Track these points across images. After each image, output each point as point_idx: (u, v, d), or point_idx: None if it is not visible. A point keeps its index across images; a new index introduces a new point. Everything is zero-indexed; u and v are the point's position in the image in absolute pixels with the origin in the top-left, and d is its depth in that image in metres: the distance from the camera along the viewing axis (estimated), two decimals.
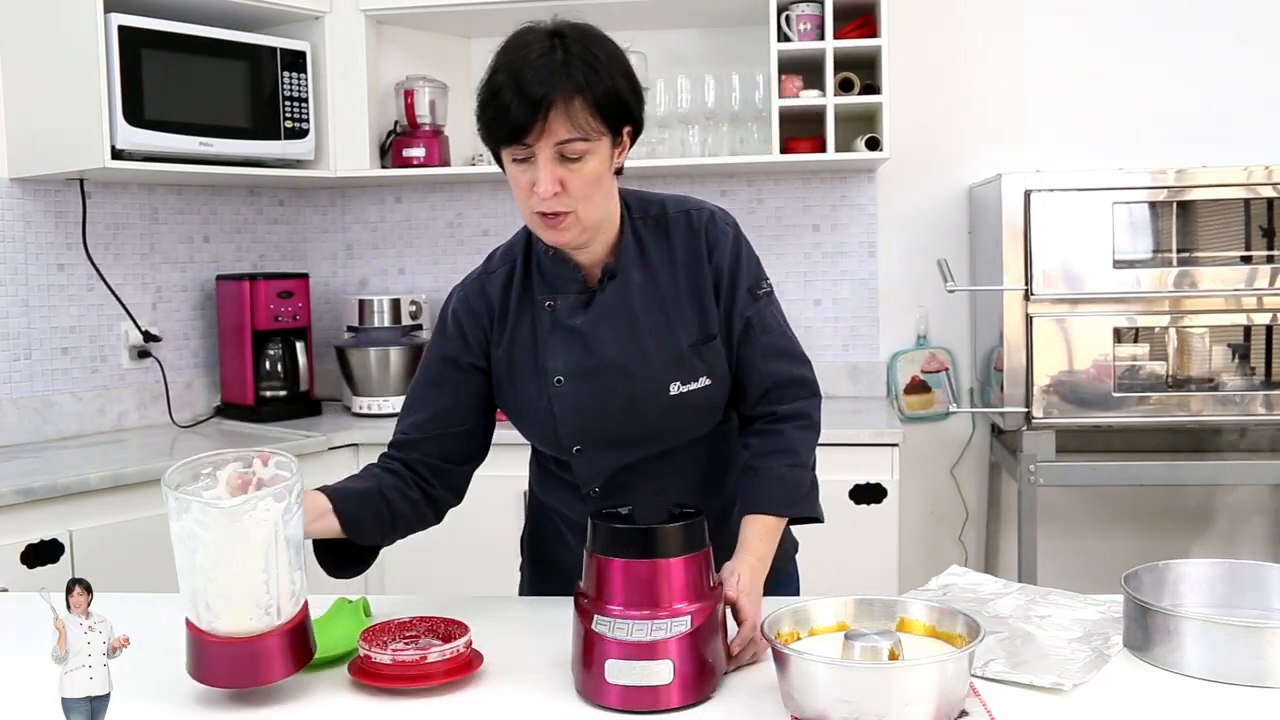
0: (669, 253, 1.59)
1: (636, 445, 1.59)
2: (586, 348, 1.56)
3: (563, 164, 1.44)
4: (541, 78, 1.40)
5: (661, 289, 1.58)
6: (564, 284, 1.58)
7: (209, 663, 1.28)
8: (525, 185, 1.46)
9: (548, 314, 1.58)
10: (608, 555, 1.29)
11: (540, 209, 1.46)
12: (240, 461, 1.30)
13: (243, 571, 1.25)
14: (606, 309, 1.56)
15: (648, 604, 1.27)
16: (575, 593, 1.33)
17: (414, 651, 1.34)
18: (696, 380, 1.57)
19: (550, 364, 1.57)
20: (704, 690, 1.28)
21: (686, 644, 1.26)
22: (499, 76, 1.42)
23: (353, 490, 1.56)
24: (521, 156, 1.44)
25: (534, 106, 1.39)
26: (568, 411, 1.57)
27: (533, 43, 1.43)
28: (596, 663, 1.26)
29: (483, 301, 1.62)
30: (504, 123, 1.41)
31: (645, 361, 1.56)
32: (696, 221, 1.60)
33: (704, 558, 1.31)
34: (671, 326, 1.57)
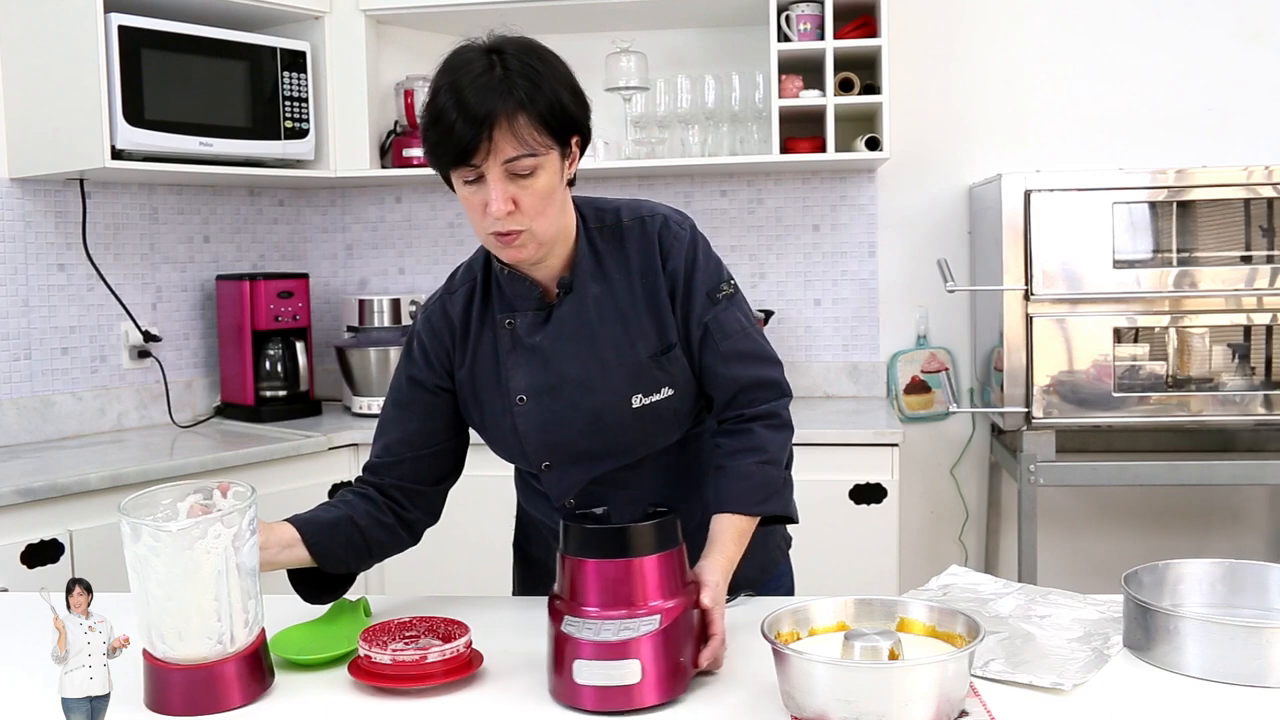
0: (625, 262, 1.56)
1: (604, 459, 1.59)
2: (546, 365, 1.55)
3: (513, 181, 1.41)
4: (483, 96, 1.37)
5: (619, 300, 1.55)
6: (522, 301, 1.56)
7: (166, 691, 1.27)
8: (478, 206, 1.43)
9: (508, 332, 1.57)
10: (575, 556, 1.30)
11: (495, 229, 1.44)
12: (200, 494, 1.30)
13: (194, 597, 1.24)
14: (564, 324, 1.55)
15: (616, 604, 1.27)
16: (549, 596, 1.33)
17: (414, 651, 1.34)
18: (659, 392, 1.55)
19: (512, 383, 1.56)
20: (676, 689, 1.28)
21: (656, 643, 1.26)
22: (441, 98, 1.40)
23: (322, 520, 1.56)
24: (471, 178, 1.42)
25: (478, 126, 1.37)
26: (532, 429, 1.57)
27: (471, 61, 1.41)
28: (566, 664, 1.26)
29: (444, 322, 1.61)
30: (449, 145, 1.39)
31: (605, 375, 1.54)
32: (650, 228, 1.57)
33: (674, 557, 1.31)
34: (630, 338, 1.55)
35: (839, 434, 2.92)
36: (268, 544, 1.47)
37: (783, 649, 1.21)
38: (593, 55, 3.46)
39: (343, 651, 1.42)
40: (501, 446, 1.63)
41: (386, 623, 1.43)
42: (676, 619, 1.28)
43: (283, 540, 1.51)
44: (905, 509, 3.10)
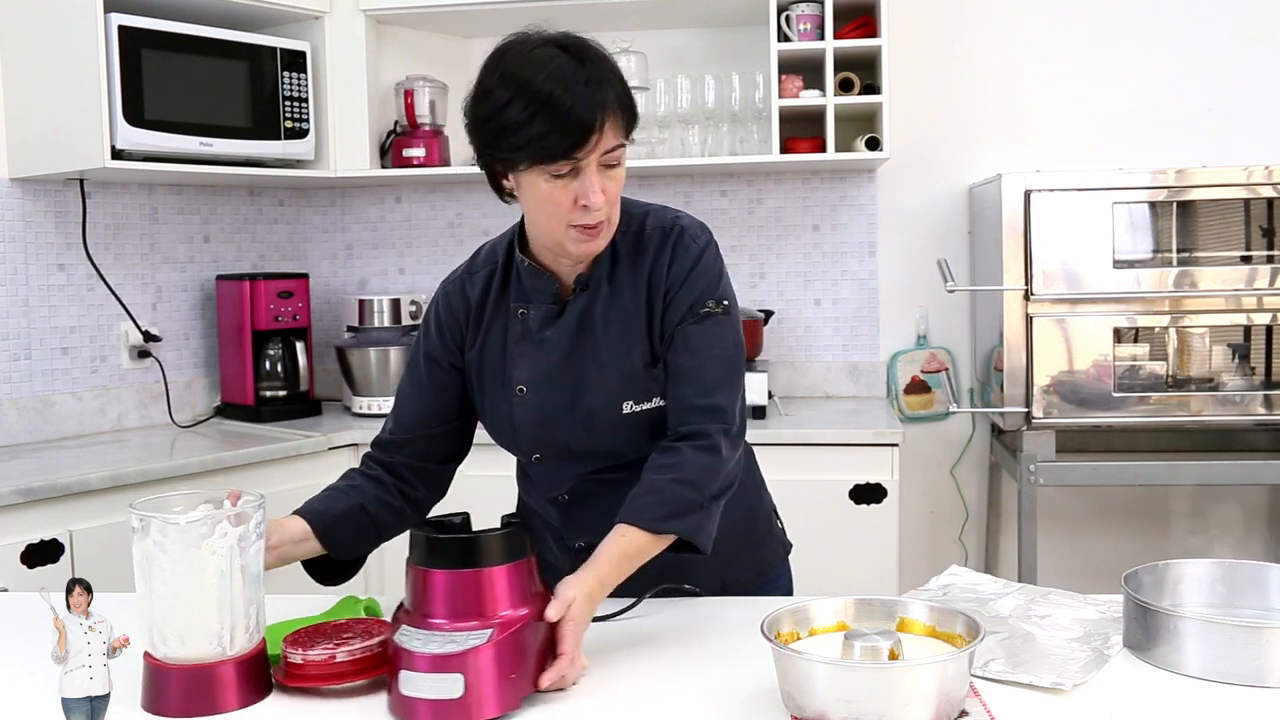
0: (639, 269, 1.56)
1: (591, 459, 1.60)
2: (550, 359, 1.57)
3: (602, 174, 1.44)
4: (592, 90, 1.40)
5: (624, 305, 1.56)
6: (538, 295, 1.58)
7: (164, 692, 1.26)
8: (566, 201, 1.44)
9: (519, 322, 1.59)
10: (414, 564, 1.28)
11: (584, 221, 1.45)
12: (211, 503, 1.30)
13: (198, 595, 1.24)
14: (574, 321, 1.56)
15: (450, 615, 1.25)
16: (398, 605, 1.32)
17: (323, 650, 1.33)
18: (649, 400, 1.56)
19: (515, 373, 1.58)
20: (506, 704, 1.23)
21: (484, 657, 1.22)
22: (531, 94, 1.38)
23: (334, 512, 1.58)
24: (564, 171, 1.42)
25: (590, 121, 1.39)
26: (527, 421, 1.59)
27: (555, 58, 1.42)
28: (396, 676, 1.24)
29: (462, 301, 1.63)
30: (557, 139, 1.39)
31: (601, 378, 1.55)
32: (669, 238, 1.57)
33: (518, 570, 1.28)
34: (629, 344, 1.55)
35: (839, 434, 2.92)
36: (281, 540, 1.49)
37: (783, 649, 1.21)
38: None
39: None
40: (498, 434, 1.65)
41: (323, 624, 1.43)
42: (510, 633, 1.24)
43: (294, 535, 1.53)
44: (905, 509, 3.10)
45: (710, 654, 1.43)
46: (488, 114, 1.43)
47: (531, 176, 1.44)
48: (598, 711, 1.28)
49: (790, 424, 3.01)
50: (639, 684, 1.35)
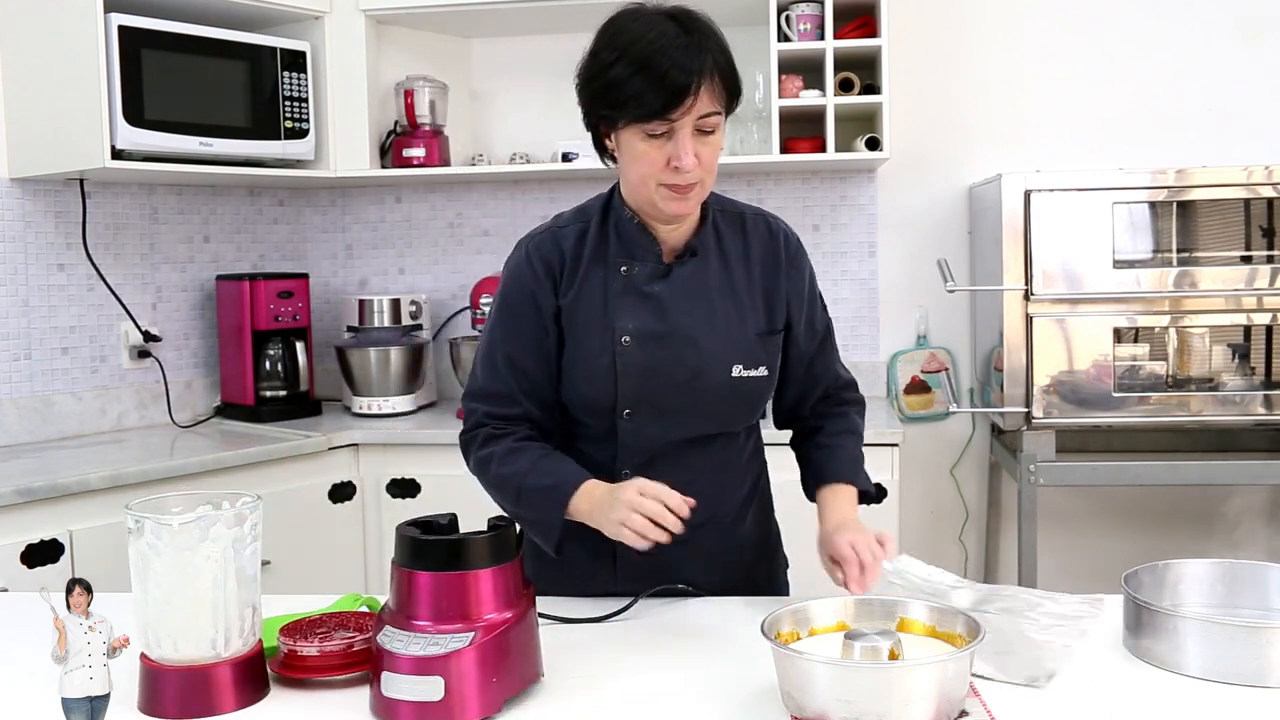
0: (744, 249, 1.67)
1: (686, 419, 1.63)
2: (660, 314, 1.61)
3: (697, 138, 1.51)
4: (690, 55, 1.47)
5: (735, 278, 1.65)
6: (642, 252, 1.63)
7: (160, 693, 1.26)
8: (658, 160, 1.51)
9: (622, 277, 1.62)
10: (399, 564, 1.28)
11: (675, 181, 1.52)
12: (209, 504, 1.30)
13: (192, 596, 1.24)
14: (683, 282, 1.63)
15: (434, 617, 1.25)
16: (382, 606, 1.32)
17: (319, 642, 1.35)
18: (757, 368, 1.64)
19: (619, 323, 1.61)
20: (487, 707, 1.23)
21: (466, 660, 1.22)
22: (636, 53, 1.47)
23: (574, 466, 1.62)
24: (660, 131, 1.49)
25: (686, 83, 1.46)
26: (632, 372, 1.61)
27: (662, 22, 1.50)
28: (378, 677, 1.24)
29: (555, 251, 1.65)
30: (653, 98, 1.47)
31: (714, 338, 1.62)
32: (775, 228, 1.70)
33: (503, 573, 1.27)
34: (741, 313, 1.64)
35: None
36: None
37: (783, 649, 1.21)
38: None
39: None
40: (588, 386, 1.63)
41: (319, 617, 1.44)
42: (493, 637, 1.24)
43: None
44: (905, 509, 3.10)
45: (710, 654, 1.43)
46: (594, 73, 1.53)
47: (629, 135, 1.52)
48: (597, 712, 1.28)
49: None
50: (639, 684, 1.35)
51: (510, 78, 3.66)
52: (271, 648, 1.38)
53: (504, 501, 1.64)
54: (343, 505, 3.06)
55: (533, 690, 1.31)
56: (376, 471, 3.11)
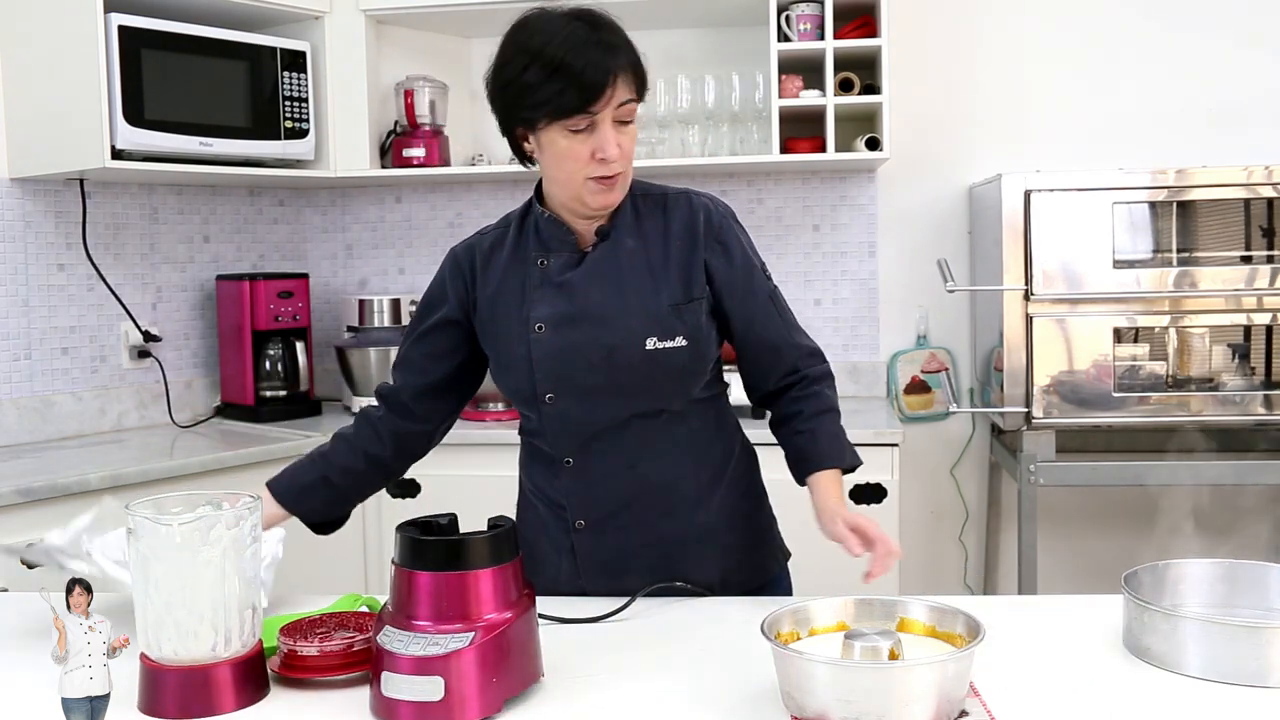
0: (664, 228, 1.68)
1: (608, 398, 1.64)
2: (570, 299, 1.64)
3: (617, 129, 1.55)
4: (603, 50, 1.52)
5: (651, 255, 1.66)
6: (558, 244, 1.66)
7: (160, 693, 1.26)
8: (583, 155, 1.55)
9: (539, 270, 1.66)
10: (399, 565, 1.28)
11: (600, 173, 1.56)
12: (210, 505, 1.30)
13: (192, 597, 1.24)
14: (595, 266, 1.65)
15: (434, 617, 1.25)
16: (382, 606, 1.33)
17: (319, 641, 1.35)
18: (673, 339, 1.63)
19: (533, 313, 1.65)
20: (487, 707, 1.23)
21: (465, 661, 1.21)
22: (550, 55, 1.50)
23: (300, 484, 1.74)
24: (581, 126, 1.53)
25: (604, 77, 1.51)
26: (546, 356, 1.64)
27: (569, 23, 1.54)
28: (378, 677, 1.24)
29: (468, 257, 1.72)
30: (573, 95, 1.50)
31: (625, 313, 1.63)
32: (696, 203, 1.70)
33: (502, 573, 1.27)
34: (656, 287, 1.64)
35: None
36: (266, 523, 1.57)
37: (783, 649, 1.21)
38: None
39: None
40: (510, 376, 1.68)
41: (326, 616, 1.45)
42: (493, 636, 1.24)
43: (273, 519, 1.70)
44: (905, 509, 3.10)
45: (710, 654, 1.43)
46: (508, 79, 1.55)
47: (551, 134, 1.55)
48: (597, 712, 1.28)
49: None
50: (639, 683, 1.35)
51: None
52: (271, 648, 1.38)
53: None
54: None
55: (533, 690, 1.31)
56: None
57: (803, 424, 1.69)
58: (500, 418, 3.17)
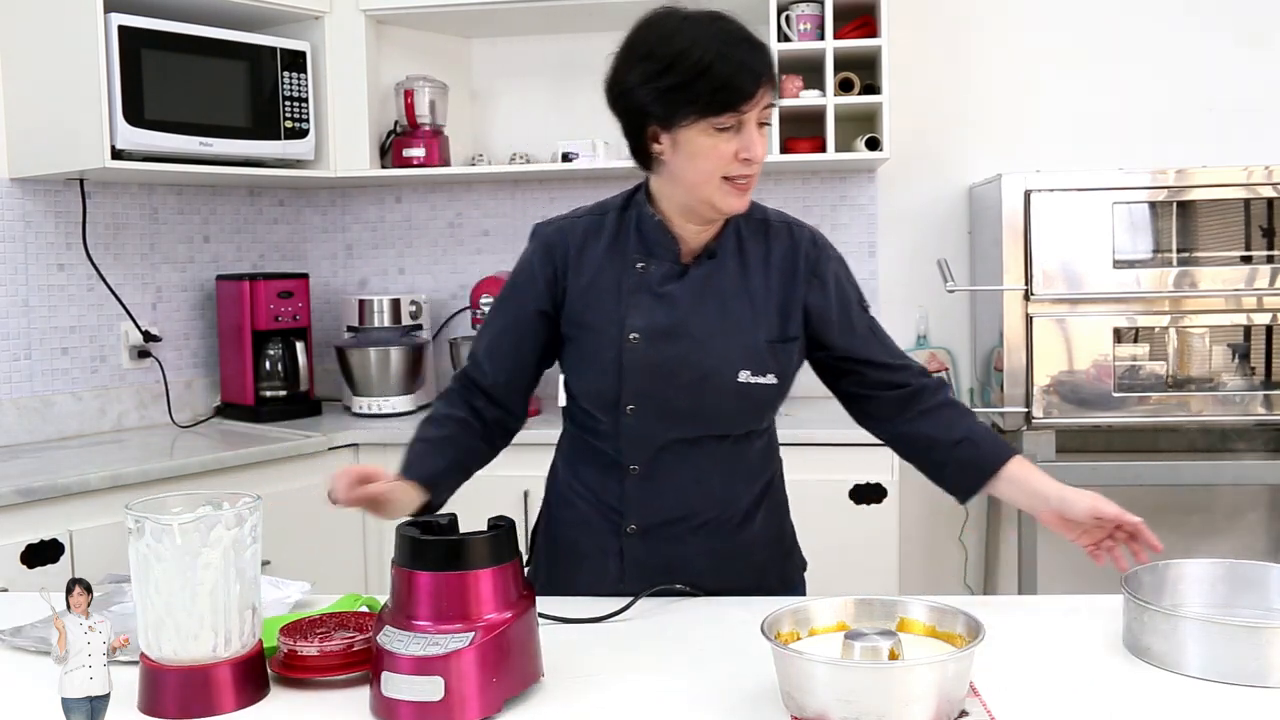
0: (766, 255, 1.66)
1: (687, 421, 1.63)
2: (671, 314, 1.61)
3: (757, 130, 1.54)
4: (756, 52, 1.51)
5: (752, 284, 1.64)
6: (661, 251, 1.63)
7: (160, 693, 1.26)
8: (726, 154, 1.53)
9: (637, 274, 1.63)
10: (399, 565, 1.27)
11: (744, 173, 1.54)
12: (210, 505, 1.30)
13: (192, 598, 1.24)
14: (698, 283, 1.63)
15: (434, 617, 1.24)
16: (382, 606, 1.33)
17: (319, 641, 1.35)
18: (765, 375, 1.63)
19: (629, 320, 1.61)
20: (487, 707, 1.23)
21: (465, 661, 1.22)
22: (700, 54, 1.48)
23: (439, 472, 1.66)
24: (727, 125, 1.51)
25: (756, 76, 1.50)
26: (636, 368, 1.61)
27: (712, 21, 1.53)
28: (378, 677, 1.24)
29: (560, 242, 1.67)
30: (728, 92, 1.49)
31: (724, 341, 1.62)
32: (798, 235, 1.69)
33: (497, 574, 1.27)
34: (755, 320, 1.63)
35: (839, 434, 2.92)
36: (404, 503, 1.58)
37: (783, 649, 1.21)
38: (593, 55, 3.44)
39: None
40: (593, 380, 1.65)
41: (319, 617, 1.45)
42: (493, 636, 1.24)
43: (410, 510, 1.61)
44: (905, 509, 3.10)
45: (710, 654, 1.43)
46: (649, 74, 1.52)
47: (692, 133, 1.52)
48: (597, 712, 1.28)
49: (790, 424, 3.00)
50: (638, 684, 1.35)
51: (510, 78, 3.66)
52: (271, 648, 1.38)
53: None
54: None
55: (533, 690, 1.31)
56: None
57: (959, 434, 1.66)
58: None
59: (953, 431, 1.66)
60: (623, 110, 1.58)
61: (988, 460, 1.64)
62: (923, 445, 1.70)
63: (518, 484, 2.96)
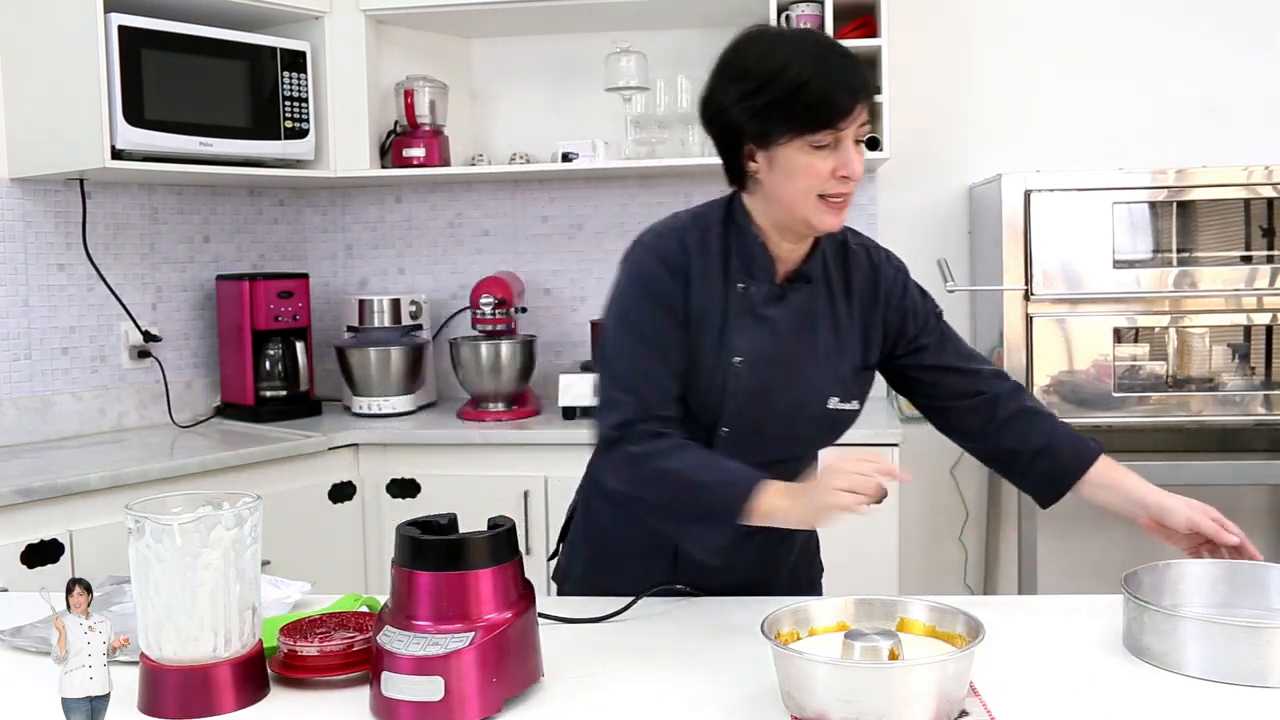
0: (846, 280, 1.66)
1: (778, 444, 1.64)
2: (773, 339, 1.60)
3: (854, 147, 1.53)
4: (853, 68, 1.50)
5: (837, 310, 1.65)
6: (760, 272, 1.61)
7: (160, 693, 1.26)
8: (823, 172, 1.51)
9: (740, 295, 1.60)
10: (399, 565, 1.27)
11: (841, 190, 1.53)
12: (210, 505, 1.30)
13: (192, 598, 1.24)
14: (795, 308, 1.62)
15: (434, 617, 1.24)
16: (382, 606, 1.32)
17: (319, 641, 1.36)
18: (850, 402, 1.65)
19: (734, 342, 1.59)
20: (487, 707, 1.23)
21: (466, 660, 1.22)
22: (798, 70, 1.47)
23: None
24: (825, 143, 1.50)
25: (854, 92, 1.49)
26: (738, 392, 1.59)
27: (809, 38, 1.54)
28: (378, 677, 1.24)
29: (683, 255, 1.59)
30: (827, 109, 1.48)
31: (817, 368, 1.62)
32: (875, 259, 1.70)
33: (497, 574, 1.27)
34: (840, 347, 1.65)
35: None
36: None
37: (783, 649, 1.21)
38: (593, 55, 3.46)
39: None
40: (694, 397, 1.60)
41: (324, 616, 1.45)
42: (493, 636, 1.24)
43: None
44: (905, 509, 3.10)
45: (710, 654, 1.43)
46: (745, 92, 1.52)
47: (790, 150, 1.51)
48: (597, 712, 1.28)
49: None
50: (639, 684, 1.35)
51: (510, 78, 3.66)
52: (271, 648, 1.38)
53: (663, 498, 1.53)
54: (343, 505, 3.07)
55: (533, 690, 1.31)
56: (376, 471, 3.11)
57: (1035, 444, 1.67)
58: (500, 417, 3.17)
59: (1031, 442, 1.68)
60: (717, 129, 1.58)
61: (1068, 469, 1.68)
62: (1005, 459, 1.73)
63: (518, 484, 2.96)
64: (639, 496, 1.56)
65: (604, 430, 1.56)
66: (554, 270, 3.68)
